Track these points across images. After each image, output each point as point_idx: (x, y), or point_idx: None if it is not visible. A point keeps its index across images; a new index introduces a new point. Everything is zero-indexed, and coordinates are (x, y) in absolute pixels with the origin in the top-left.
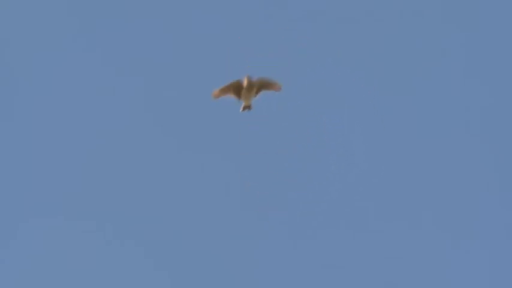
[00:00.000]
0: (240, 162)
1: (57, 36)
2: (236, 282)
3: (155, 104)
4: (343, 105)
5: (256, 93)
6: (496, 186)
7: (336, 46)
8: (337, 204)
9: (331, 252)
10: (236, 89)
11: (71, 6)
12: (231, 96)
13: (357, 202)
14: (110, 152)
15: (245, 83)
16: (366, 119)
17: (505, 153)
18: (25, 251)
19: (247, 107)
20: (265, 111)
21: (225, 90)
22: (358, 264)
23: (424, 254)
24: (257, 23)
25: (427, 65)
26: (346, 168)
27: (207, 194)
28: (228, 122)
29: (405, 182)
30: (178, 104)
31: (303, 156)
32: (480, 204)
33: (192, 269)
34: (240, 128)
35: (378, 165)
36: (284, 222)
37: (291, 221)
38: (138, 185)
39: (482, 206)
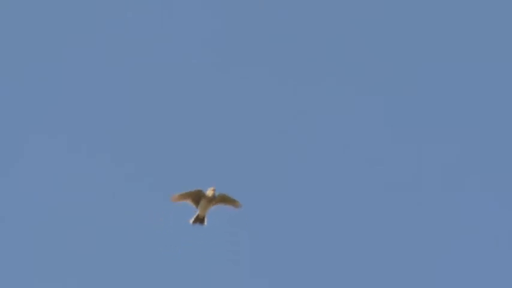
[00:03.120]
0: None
1: (57, 36)
2: None
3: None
4: (343, 105)
5: (214, 205)
6: (496, 186)
7: (335, 46)
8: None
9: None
10: (196, 197)
11: (71, 6)
12: (188, 203)
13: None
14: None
15: (210, 194)
16: (365, 119)
17: (505, 153)
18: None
19: (201, 220)
20: (265, 111)
21: (184, 196)
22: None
23: (423, 253)
24: (257, 22)
25: (427, 65)
26: (345, 167)
27: None
28: (228, 121)
29: (404, 181)
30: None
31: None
32: (480, 204)
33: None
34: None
35: (377, 164)
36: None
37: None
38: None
39: (482, 205)
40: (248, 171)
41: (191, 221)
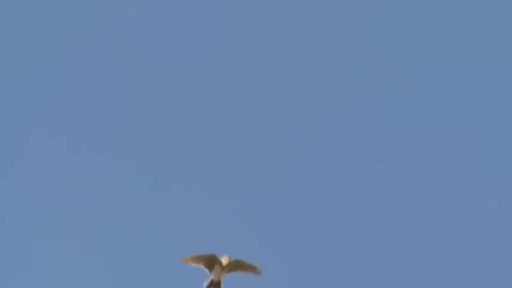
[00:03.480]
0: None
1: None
2: None
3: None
4: (343, 105)
5: (229, 272)
6: (496, 186)
7: (335, 46)
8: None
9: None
10: (209, 262)
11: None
12: (201, 267)
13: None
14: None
15: (225, 262)
16: (365, 119)
17: (505, 153)
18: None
19: (216, 285)
20: (265, 111)
21: (197, 260)
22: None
23: (423, 253)
24: (257, 22)
25: (427, 65)
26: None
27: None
28: (228, 121)
29: (404, 181)
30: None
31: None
32: (480, 204)
33: None
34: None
35: (377, 164)
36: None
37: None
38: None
39: (482, 205)
40: (248, 171)
41: (205, 285)
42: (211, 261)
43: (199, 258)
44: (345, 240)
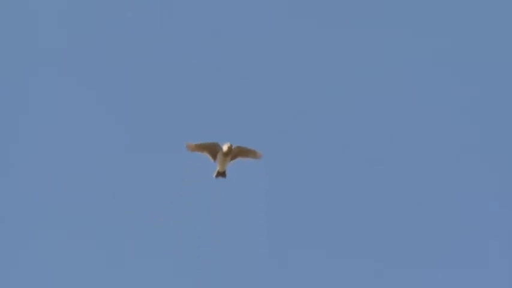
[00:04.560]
0: None
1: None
2: None
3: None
4: (343, 105)
5: (232, 159)
6: (497, 186)
7: (335, 45)
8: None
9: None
10: (213, 150)
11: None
12: (205, 155)
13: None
14: None
15: (225, 149)
16: (365, 119)
17: (505, 153)
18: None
19: (222, 174)
20: (265, 111)
21: (201, 147)
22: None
23: (423, 253)
24: (256, 22)
25: (428, 64)
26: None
27: None
28: (228, 122)
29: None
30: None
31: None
32: (480, 204)
33: None
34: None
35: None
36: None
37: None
38: None
39: (482, 205)
40: (248, 171)
41: (214, 176)
42: (214, 149)
43: (203, 146)
44: (345, 240)
